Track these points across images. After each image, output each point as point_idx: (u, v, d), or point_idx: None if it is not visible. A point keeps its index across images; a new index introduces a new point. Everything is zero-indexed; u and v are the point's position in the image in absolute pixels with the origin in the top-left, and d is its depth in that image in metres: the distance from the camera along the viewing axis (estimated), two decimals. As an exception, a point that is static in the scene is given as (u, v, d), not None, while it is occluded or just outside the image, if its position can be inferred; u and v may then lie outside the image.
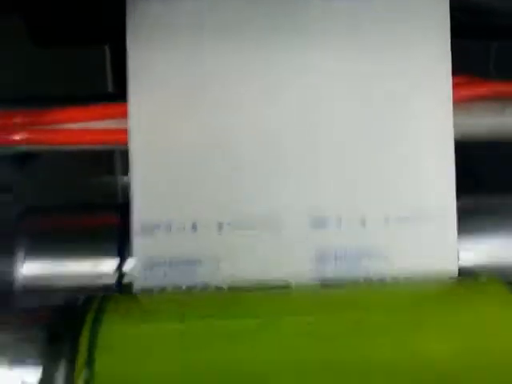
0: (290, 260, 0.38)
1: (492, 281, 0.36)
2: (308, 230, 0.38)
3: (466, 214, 0.41)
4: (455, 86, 0.42)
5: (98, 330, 0.31)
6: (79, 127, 0.42)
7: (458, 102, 0.42)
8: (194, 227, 0.38)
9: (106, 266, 0.41)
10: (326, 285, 0.38)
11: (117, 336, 0.32)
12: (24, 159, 0.53)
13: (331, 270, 0.38)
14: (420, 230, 0.38)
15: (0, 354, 0.32)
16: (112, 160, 0.59)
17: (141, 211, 0.38)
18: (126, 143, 0.40)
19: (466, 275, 0.39)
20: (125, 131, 0.40)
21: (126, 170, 0.41)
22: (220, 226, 0.38)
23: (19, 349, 0.32)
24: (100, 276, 0.41)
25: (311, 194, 0.38)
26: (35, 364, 0.31)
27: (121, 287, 0.40)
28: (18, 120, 0.41)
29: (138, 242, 0.38)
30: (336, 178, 0.39)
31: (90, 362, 0.30)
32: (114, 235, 0.41)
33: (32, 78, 0.53)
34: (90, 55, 0.52)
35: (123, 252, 0.40)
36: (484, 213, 0.43)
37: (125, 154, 0.41)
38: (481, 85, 0.44)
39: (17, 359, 0.31)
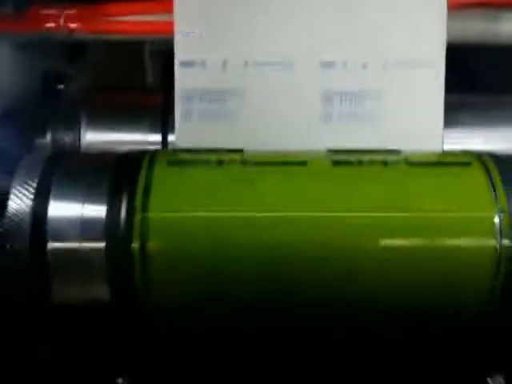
0: (300, 97, 0.47)
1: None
2: (317, 70, 0.47)
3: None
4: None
5: (152, 172, 0.41)
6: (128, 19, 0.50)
7: (453, 9, 0.49)
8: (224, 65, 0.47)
9: (152, 137, 0.50)
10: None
11: (167, 178, 0.41)
12: (77, 52, 0.62)
13: (337, 109, 0.47)
14: (413, 75, 0.47)
15: (72, 194, 0.41)
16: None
17: (181, 52, 0.46)
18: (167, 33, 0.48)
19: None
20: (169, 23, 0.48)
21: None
22: (246, 64, 0.47)
23: (89, 189, 0.41)
24: (148, 143, 0.50)
25: (321, 41, 0.47)
26: (102, 201, 0.40)
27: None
28: (75, 11, 0.50)
29: (179, 73, 0.46)
30: (342, 27, 0.47)
31: (145, 199, 0.39)
32: (159, 112, 0.50)
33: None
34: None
35: (167, 127, 0.50)
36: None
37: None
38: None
39: (87, 199, 0.40)
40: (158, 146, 0.50)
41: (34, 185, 0.40)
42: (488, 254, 0.40)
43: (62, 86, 0.61)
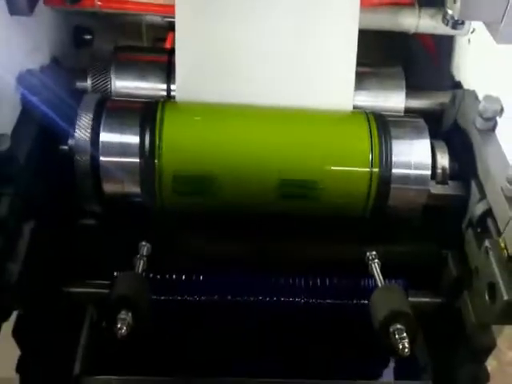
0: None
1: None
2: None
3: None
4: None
5: (164, 114, 0.66)
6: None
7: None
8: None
9: (160, 86, 0.74)
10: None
11: (176, 115, 0.66)
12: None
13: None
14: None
15: (116, 120, 0.65)
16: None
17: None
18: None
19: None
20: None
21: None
22: None
23: (127, 119, 0.65)
24: (157, 90, 0.74)
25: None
26: (136, 127, 0.65)
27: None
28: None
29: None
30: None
31: (161, 128, 0.65)
32: (165, 67, 0.74)
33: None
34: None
35: (170, 78, 0.73)
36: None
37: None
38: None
39: (125, 126, 0.65)
40: (164, 92, 0.74)
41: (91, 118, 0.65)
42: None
43: (90, 37, 0.84)
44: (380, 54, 0.87)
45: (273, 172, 0.66)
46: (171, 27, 0.77)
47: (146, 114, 0.66)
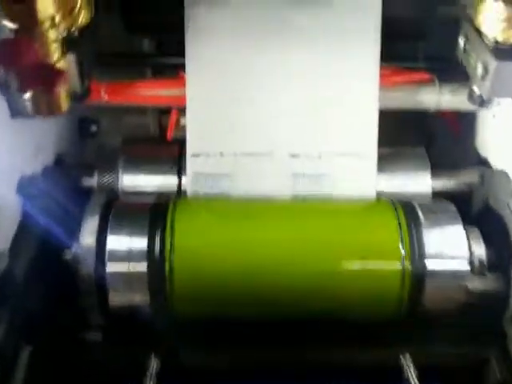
0: (277, 178, 0.67)
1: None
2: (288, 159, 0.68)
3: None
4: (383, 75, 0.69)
5: (175, 215, 0.61)
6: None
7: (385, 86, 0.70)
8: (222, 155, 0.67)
9: (170, 180, 0.70)
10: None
11: (188, 217, 0.62)
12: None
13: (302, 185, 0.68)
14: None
15: (123, 225, 0.61)
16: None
17: (192, 146, 0.67)
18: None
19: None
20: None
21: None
22: (235, 155, 0.67)
23: (133, 224, 0.61)
24: (166, 186, 0.70)
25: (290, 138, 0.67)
26: (145, 232, 0.60)
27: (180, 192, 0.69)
28: (115, 87, 0.69)
29: (189, 163, 0.67)
30: (304, 129, 0.67)
31: (172, 232, 0.60)
32: (176, 161, 0.70)
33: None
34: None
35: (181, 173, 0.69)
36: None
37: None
38: (401, 74, 0.72)
39: (133, 231, 0.61)
40: (175, 188, 0.70)
41: (97, 223, 0.60)
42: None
43: (95, 128, 0.81)
44: (397, 132, 0.83)
45: (294, 275, 0.60)
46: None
47: (155, 217, 0.62)
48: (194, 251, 0.61)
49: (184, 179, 0.69)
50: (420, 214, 0.64)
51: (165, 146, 0.73)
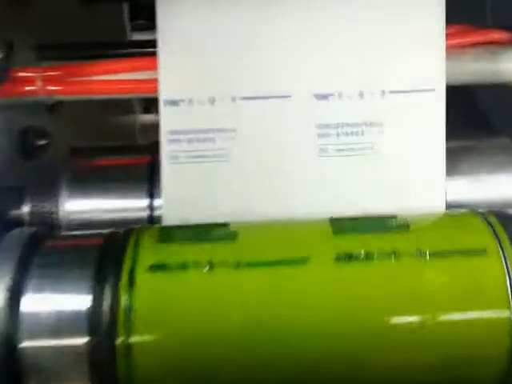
0: (295, 130, 0.44)
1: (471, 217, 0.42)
2: (312, 102, 0.43)
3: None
4: (448, 35, 0.46)
5: (137, 257, 0.38)
6: (111, 78, 0.47)
7: (451, 49, 0.47)
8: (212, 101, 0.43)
9: (138, 203, 0.47)
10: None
11: (150, 278, 0.37)
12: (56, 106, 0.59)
13: (332, 142, 0.44)
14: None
15: (51, 275, 0.38)
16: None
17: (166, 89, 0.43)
18: (154, 92, 0.45)
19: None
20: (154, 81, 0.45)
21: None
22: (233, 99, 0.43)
23: (70, 273, 0.38)
24: (133, 210, 0.47)
25: (315, 72, 0.44)
26: (86, 286, 0.37)
27: (152, 220, 0.46)
28: (56, 72, 0.47)
29: (165, 114, 0.43)
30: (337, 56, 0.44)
31: (130, 284, 0.36)
32: (145, 174, 0.47)
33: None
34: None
35: (153, 189, 0.46)
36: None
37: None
38: (472, 33, 0.49)
39: (67, 283, 0.37)
40: (145, 213, 0.47)
41: (10, 276, 0.37)
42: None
43: (43, 142, 0.58)
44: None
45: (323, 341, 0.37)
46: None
47: (105, 264, 0.38)
48: (164, 318, 0.37)
49: (157, 202, 0.46)
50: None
51: (131, 156, 0.50)
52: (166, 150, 0.43)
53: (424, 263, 0.38)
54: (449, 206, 0.44)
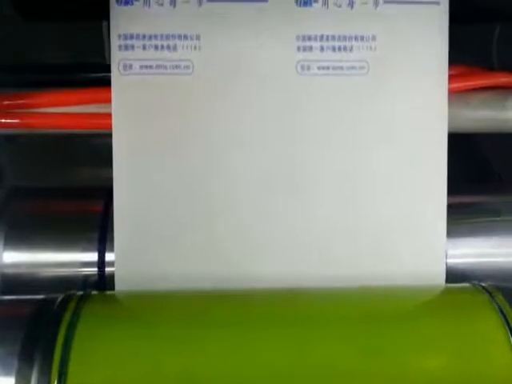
0: (270, 42, 0.37)
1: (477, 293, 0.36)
2: (291, 8, 0.37)
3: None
4: (451, 76, 0.40)
5: (72, 338, 0.31)
6: (63, 111, 0.40)
7: (454, 93, 0.41)
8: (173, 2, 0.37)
9: (87, 257, 0.40)
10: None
11: (91, 348, 0.31)
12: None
13: (315, 58, 0.37)
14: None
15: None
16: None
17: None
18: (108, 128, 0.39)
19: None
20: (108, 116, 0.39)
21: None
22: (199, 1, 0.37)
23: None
24: (81, 265, 0.40)
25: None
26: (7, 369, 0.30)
27: (103, 279, 0.39)
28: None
29: (115, 13, 0.36)
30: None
31: (62, 374, 0.29)
32: (97, 223, 0.40)
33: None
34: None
35: (104, 242, 0.40)
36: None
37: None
38: (479, 76, 0.43)
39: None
40: (94, 269, 0.40)
41: None
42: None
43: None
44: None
45: None
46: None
47: (35, 332, 0.31)
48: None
49: (109, 255, 0.39)
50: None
51: (81, 199, 0.43)
52: (116, 57, 0.37)
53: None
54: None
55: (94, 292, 0.36)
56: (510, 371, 0.32)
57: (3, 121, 0.40)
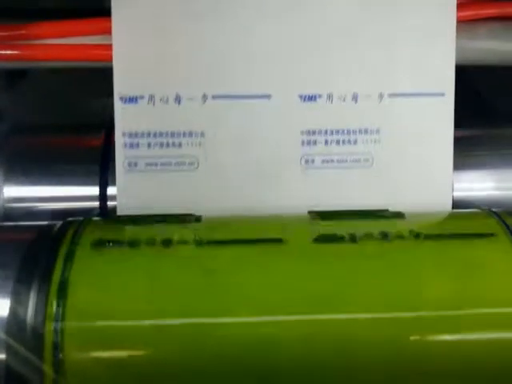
0: (277, 136, 0.37)
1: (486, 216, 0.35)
2: (296, 104, 0.37)
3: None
4: (459, 6, 0.39)
5: (72, 260, 0.30)
6: (64, 42, 0.40)
7: (462, 22, 0.40)
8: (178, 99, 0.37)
9: (88, 190, 0.39)
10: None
11: (89, 270, 0.31)
12: (12, 78, 0.51)
13: (320, 150, 0.37)
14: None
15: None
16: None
17: (122, 82, 0.37)
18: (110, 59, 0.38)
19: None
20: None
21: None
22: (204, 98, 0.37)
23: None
24: (83, 199, 0.40)
25: (301, 71, 0.37)
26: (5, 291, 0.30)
27: (105, 209, 0.39)
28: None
29: (120, 112, 0.37)
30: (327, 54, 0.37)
31: (61, 294, 0.29)
32: (98, 157, 0.40)
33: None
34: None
35: (106, 174, 0.39)
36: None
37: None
38: (486, 5, 0.42)
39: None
40: (95, 203, 0.40)
41: None
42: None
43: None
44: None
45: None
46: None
47: (29, 263, 0.31)
48: (100, 339, 0.30)
49: (110, 189, 0.39)
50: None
51: (82, 133, 0.43)
52: (121, 155, 0.37)
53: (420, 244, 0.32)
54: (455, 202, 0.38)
55: (95, 218, 0.36)
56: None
57: (2, 52, 0.39)
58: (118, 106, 0.37)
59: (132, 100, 0.37)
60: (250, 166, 0.38)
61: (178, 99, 0.37)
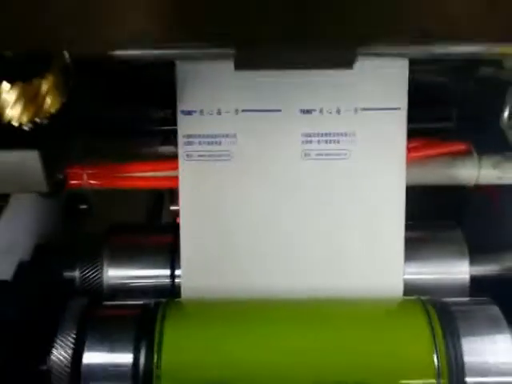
0: (284, 137, 0.56)
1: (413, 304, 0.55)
2: (298, 115, 0.55)
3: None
4: (410, 148, 0.58)
5: (164, 329, 0.52)
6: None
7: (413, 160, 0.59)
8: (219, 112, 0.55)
9: (163, 273, 0.60)
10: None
11: (177, 335, 0.52)
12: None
13: (314, 147, 0.56)
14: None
15: (99, 339, 0.51)
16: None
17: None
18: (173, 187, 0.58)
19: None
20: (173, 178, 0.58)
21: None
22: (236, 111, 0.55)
23: (114, 339, 0.52)
24: (159, 278, 0.60)
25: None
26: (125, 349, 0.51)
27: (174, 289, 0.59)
28: (97, 171, 0.59)
29: (181, 121, 0.55)
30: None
31: (159, 349, 0.51)
32: (169, 250, 0.60)
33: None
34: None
35: (174, 263, 0.60)
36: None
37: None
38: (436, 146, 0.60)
39: (111, 346, 0.51)
40: (168, 280, 0.60)
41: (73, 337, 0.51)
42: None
43: (84, 206, 0.72)
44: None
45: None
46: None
47: (142, 325, 0.52)
48: (186, 369, 0.51)
49: (178, 271, 0.59)
50: (457, 318, 0.53)
51: (158, 232, 0.64)
52: (182, 150, 0.56)
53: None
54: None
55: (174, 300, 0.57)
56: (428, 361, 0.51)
57: (92, 182, 0.60)
58: (180, 117, 0.55)
59: (189, 113, 0.55)
60: (267, 158, 0.56)
61: (219, 111, 0.55)
